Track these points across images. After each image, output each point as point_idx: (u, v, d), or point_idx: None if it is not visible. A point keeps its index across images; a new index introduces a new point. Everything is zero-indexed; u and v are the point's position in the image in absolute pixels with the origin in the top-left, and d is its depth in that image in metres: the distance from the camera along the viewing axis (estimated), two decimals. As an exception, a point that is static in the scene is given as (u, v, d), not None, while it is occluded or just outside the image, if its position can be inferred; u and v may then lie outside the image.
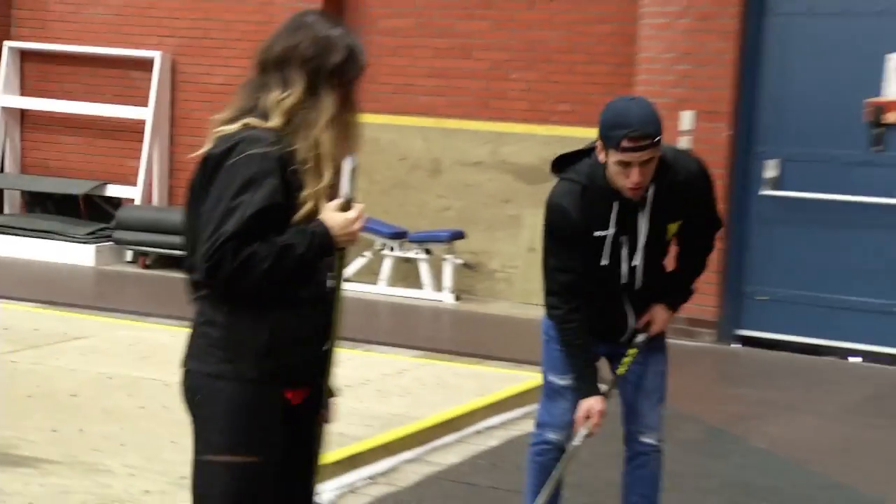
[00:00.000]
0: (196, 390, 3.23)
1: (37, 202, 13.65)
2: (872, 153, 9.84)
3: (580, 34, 11.25)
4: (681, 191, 4.57)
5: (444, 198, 11.83)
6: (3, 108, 13.61)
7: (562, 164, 4.76)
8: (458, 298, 11.45)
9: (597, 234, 4.55)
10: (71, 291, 11.42)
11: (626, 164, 4.35)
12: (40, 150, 13.61)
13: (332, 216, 3.15)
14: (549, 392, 4.85)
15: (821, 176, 10.03)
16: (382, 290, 11.72)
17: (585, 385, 4.58)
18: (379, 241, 11.65)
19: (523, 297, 11.29)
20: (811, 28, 9.92)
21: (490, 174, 11.67)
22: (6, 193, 13.64)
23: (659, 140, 4.38)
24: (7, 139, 13.65)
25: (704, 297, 8.51)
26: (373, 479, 6.27)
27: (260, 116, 3.17)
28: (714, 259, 5.43)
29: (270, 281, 3.06)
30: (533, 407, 7.77)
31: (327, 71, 3.20)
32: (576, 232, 4.54)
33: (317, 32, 3.26)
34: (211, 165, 3.15)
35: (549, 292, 4.69)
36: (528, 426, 7.33)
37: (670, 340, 4.98)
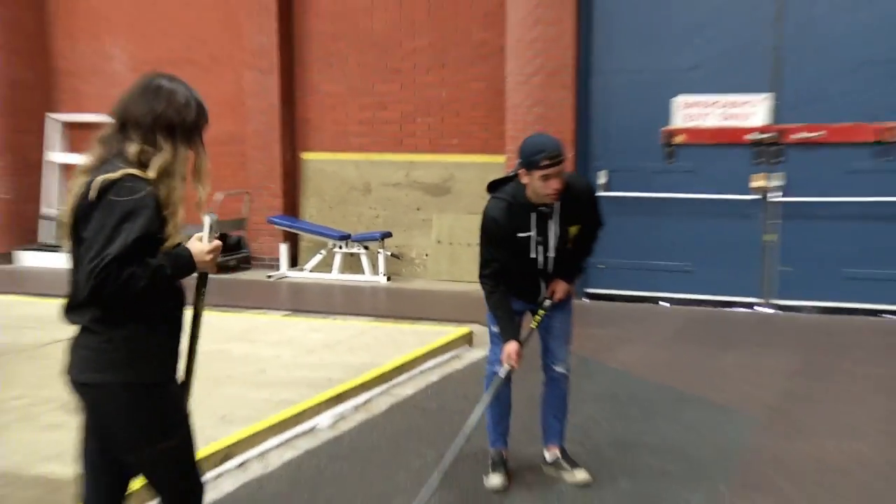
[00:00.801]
0: (105, 399, 3.06)
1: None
2: (667, 164, 10.23)
3: (463, 90, 11.52)
4: (577, 202, 4.86)
5: (374, 209, 12.06)
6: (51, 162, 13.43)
7: (493, 186, 4.98)
8: (388, 279, 11.69)
9: (520, 235, 4.83)
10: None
11: (547, 178, 4.59)
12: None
13: (194, 245, 3.10)
14: (494, 338, 5.13)
15: (635, 180, 10.37)
16: (335, 276, 11.86)
17: (506, 334, 4.88)
18: (331, 242, 11.85)
19: (434, 276, 11.71)
20: (624, 80, 10.26)
21: (405, 191, 11.89)
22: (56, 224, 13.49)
23: (564, 160, 4.67)
24: (54, 186, 13.50)
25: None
26: (356, 408, 6.61)
27: (128, 165, 2.97)
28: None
29: (144, 296, 2.92)
30: (458, 350, 8.29)
31: (185, 129, 3.07)
32: (503, 236, 4.83)
33: (174, 98, 3.07)
34: (95, 198, 2.89)
35: (483, 274, 4.95)
36: (458, 364, 7.85)
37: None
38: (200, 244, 3.15)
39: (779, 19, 9.67)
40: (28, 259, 12.86)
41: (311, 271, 12.01)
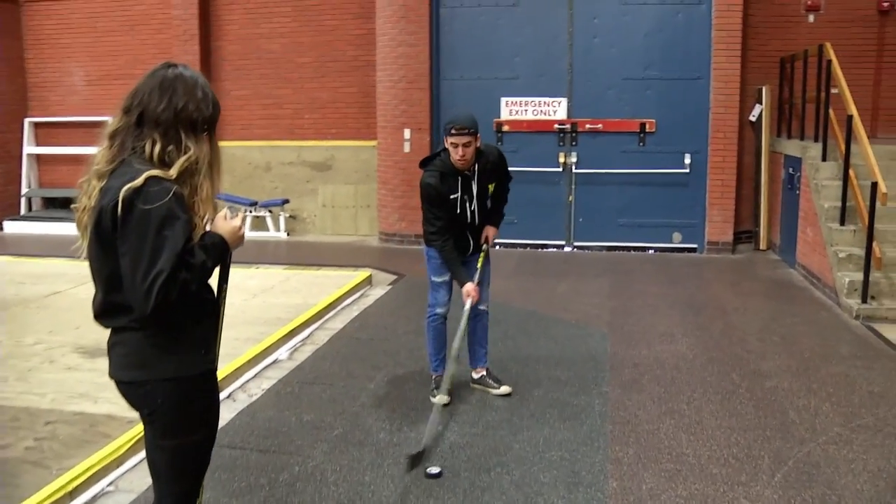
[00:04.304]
0: (155, 395, 2.18)
1: (49, 204, 11.99)
2: (498, 146, 9.64)
3: (340, 93, 10.66)
4: (492, 165, 4.43)
5: (274, 182, 11.03)
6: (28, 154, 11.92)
7: (425, 161, 4.46)
8: (288, 235, 10.82)
9: (451, 197, 4.33)
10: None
11: (455, 146, 4.17)
12: (48, 175, 11.96)
13: (223, 227, 2.23)
14: (433, 286, 4.57)
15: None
16: (248, 233, 10.55)
17: (461, 277, 4.35)
18: (243, 207, 10.80)
19: (321, 232, 10.90)
20: (465, 85, 9.66)
21: (297, 168, 10.96)
22: (33, 199, 12.03)
23: (474, 132, 4.19)
24: (31, 172, 12.04)
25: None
26: (303, 341, 5.84)
27: (146, 164, 2.10)
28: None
29: (192, 293, 2.12)
30: (364, 290, 7.55)
31: (204, 123, 2.18)
32: (439, 197, 4.31)
33: (194, 92, 2.17)
34: (124, 209, 2.03)
35: (432, 232, 4.37)
36: (368, 301, 7.12)
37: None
38: (228, 223, 2.27)
39: (570, 47, 9.45)
40: (13, 227, 11.58)
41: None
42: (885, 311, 6.09)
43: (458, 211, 4.36)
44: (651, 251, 9.32)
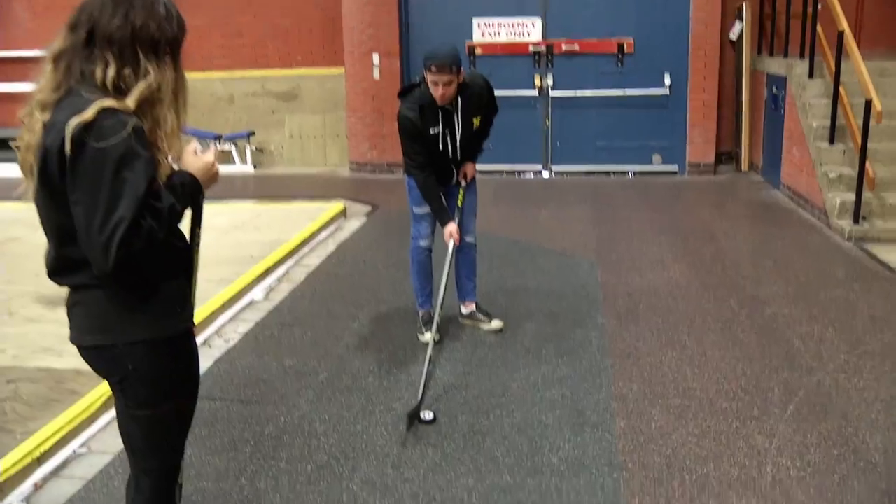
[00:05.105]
0: (124, 361, 1.86)
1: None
2: (471, 70, 9.31)
3: (304, 19, 9.97)
4: (477, 97, 4.04)
5: (238, 115, 10.40)
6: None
7: (403, 92, 4.06)
8: (256, 168, 10.28)
9: (432, 132, 3.97)
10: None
11: (435, 83, 3.79)
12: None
13: (193, 164, 1.90)
14: (415, 218, 4.26)
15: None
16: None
17: (443, 217, 4.06)
18: (207, 141, 10.23)
19: (289, 164, 10.41)
20: (436, 6, 9.09)
21: (262, 99, 10.34)
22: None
23: (456, 69, 3.80)
24: None
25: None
26: (279, 280, 5.48)
27: (97, 92, 1.74)
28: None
29: (160, 241, 1.77)
30: (338, 222, 7.18)
31: (166, 45, 1.84)
32: (419, 132, 3.94)
33: (154, 8, 1.84)
34: (73, 149, 1.67)
35: (412, 166, 4.03)
36: (344, 235, 6.76)
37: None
38: (199, 159, 1.93)
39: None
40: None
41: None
42: (877, 231, 5.90)
43: (441, 147, 4.03)
44: (631, 175, 9.02)
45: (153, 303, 1.87)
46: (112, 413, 3.26)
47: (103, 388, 3.41)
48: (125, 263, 1.70)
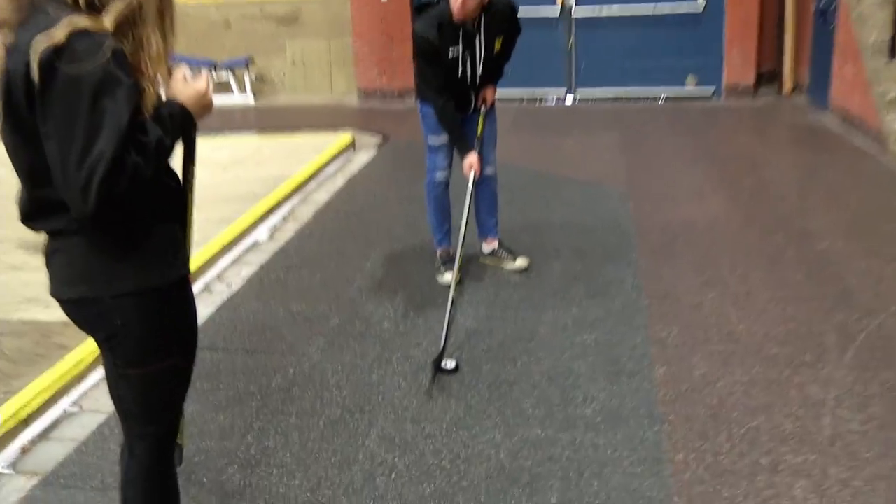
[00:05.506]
0: (112, 316, 1.72)
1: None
2: None
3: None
4: (500, 16, 3.81)
5: (235, 41, 10.09)
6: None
7: (420, 7, 3.83)
8: (255, 98, 10.01)
9: (451, 54, 3.75)
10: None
11: None
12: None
13: (184, 92, 1.73)
14: (431, 149, 4.06)
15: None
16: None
17: (462, 146, 3.87)
18: (199, 69, 9.98)
19: (292, 92, 10.16)
20: None
21: (261, 23, 10.01)
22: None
23: None
24: None
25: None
26: (285, 219, 5.32)
27: (67, 9, 1.56)
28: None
29: (148, 181, 1.61)
30: (347, 154, 6.99)
31: None
32: (436, 53, 3.71)
33: None
34: (42, 76, 1.50)
35: (428, 91, 3.84)
36: (354, 168, 6.58)
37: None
38: (190, 86, 1.75)
39: None
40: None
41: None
42: (939, 157, 5.63)
43: (460, 71, 3.82)
44: (662, 99, 8.70)
45: (142, 249, 1.73)
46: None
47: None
48: (108, 206, 1.55)
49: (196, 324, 1.92)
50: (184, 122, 1.72)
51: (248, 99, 9.97)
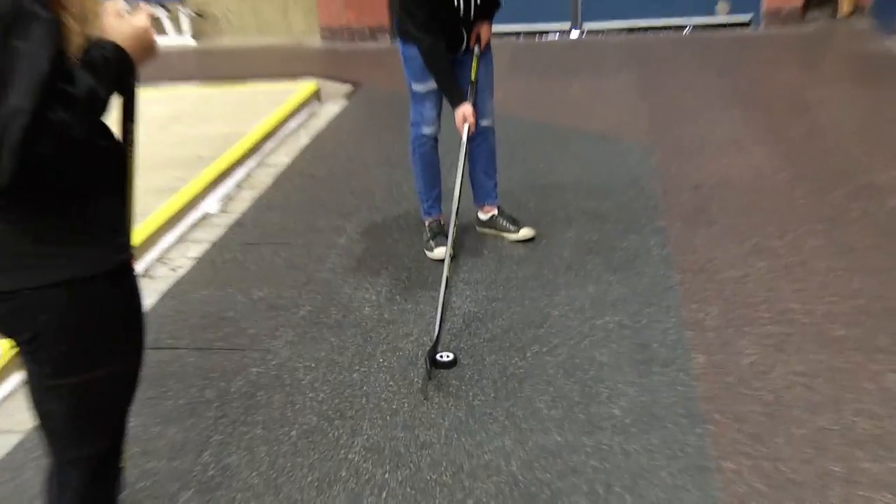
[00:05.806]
0: (35, 311, 1.68)
1: None
2: None
3: None
4: None
5: (169, -32, 10.13)
6: None
7: None
8: (196, 39, 10.01)
9: None
10: None
11: None
12: None
13: (120, 30, 1.66)
14: (415, 98, 4.06)
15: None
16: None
17: (454, 95, 3.85)
18: (131, 2, 9.88)
19: (240, 32, 10.23)
20: None
21: (200, -54, 10.03)
22: None
23: None
24: None
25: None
26: (239, 186, 5.31)
27: None
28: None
29: (78, 143, 1.54)
30: (310, 107, 6.95)
31: None
32: None
33: None
34: None
35: (414, 28, 3.81)
36: (320, 123, 6.57)
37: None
38: (126, 23, 1.68)
39: None
40: None
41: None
42: None
43: (455, 3, 3.81)
44: (688, 30, 8.73)
45: (74, 229, 1.69)
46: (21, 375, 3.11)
47: (8, 345, 3.25)
48: (27, 175, 1.49)
49: (142, 319, 1.88)
50: (121, 68, 1.65)
51: (185, 40, 9.98)
